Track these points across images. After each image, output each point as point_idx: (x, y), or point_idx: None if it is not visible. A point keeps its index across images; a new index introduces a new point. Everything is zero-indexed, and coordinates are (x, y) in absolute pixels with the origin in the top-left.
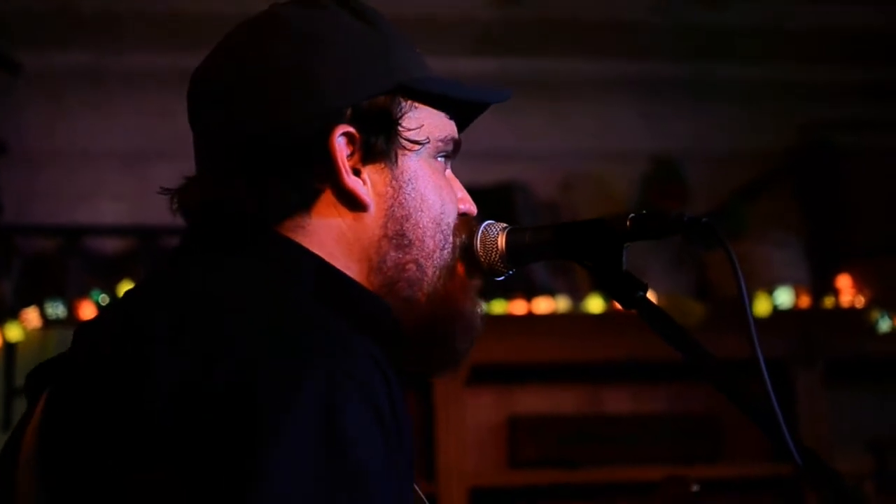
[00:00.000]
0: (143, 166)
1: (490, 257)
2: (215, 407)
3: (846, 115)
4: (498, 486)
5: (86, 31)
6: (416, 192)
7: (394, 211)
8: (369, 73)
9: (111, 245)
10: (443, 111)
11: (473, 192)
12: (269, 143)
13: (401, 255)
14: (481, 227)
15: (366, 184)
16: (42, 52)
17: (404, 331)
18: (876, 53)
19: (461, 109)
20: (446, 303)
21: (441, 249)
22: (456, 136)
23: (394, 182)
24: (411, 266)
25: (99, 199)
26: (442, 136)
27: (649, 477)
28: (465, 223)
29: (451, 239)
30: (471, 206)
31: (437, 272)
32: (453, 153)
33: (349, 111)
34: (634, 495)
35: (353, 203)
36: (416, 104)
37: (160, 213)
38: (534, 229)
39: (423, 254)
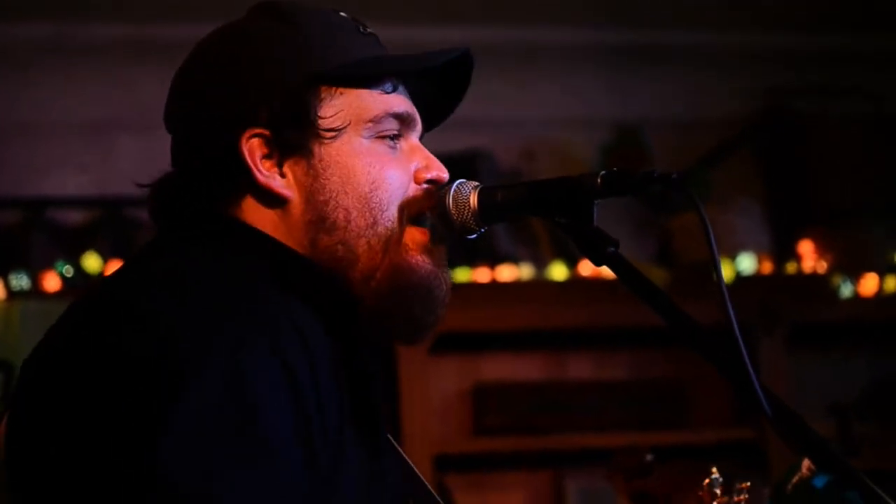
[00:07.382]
0: (107, 138)
1: (462, 215)
2: (137, 369)
3: (808, 81)
4: (463, 453)
5: (48, 1)
6: (337, 175)
7: (314, 197)
8: (280, 74)
9: (75, 217)
10: (376, 89)
11: None
12: (194, 153)
13: (328, 238)
14: (453, 186)
15: (285, 177)
16: (4, 23)
17: (355, 295)
18: (838, 19)
19: (420, 78)
20: (395, 276)
21: (373, 226)
22: (395, 110)
23: (311, 171)
24: (339, 247)
25: (62, 171)
26: (371, 116)
27: (613, 443)
28: (428, 192)
29: (387, 213)
30: (437, 174)
31: (372, 249)
32: (403, 127)
33: (265, 114)
34: (599, 461)
35: (273, 198)
36: (342, 90)
37: (124, 184)
38: (506, 187)
39: (351, 234)
